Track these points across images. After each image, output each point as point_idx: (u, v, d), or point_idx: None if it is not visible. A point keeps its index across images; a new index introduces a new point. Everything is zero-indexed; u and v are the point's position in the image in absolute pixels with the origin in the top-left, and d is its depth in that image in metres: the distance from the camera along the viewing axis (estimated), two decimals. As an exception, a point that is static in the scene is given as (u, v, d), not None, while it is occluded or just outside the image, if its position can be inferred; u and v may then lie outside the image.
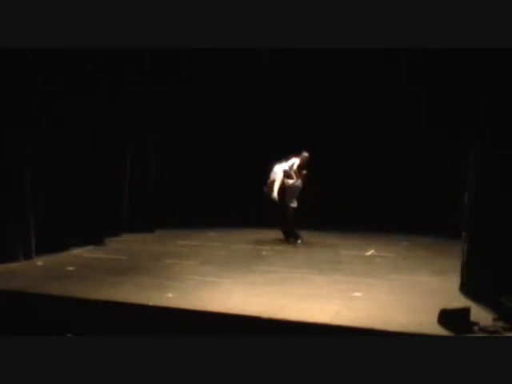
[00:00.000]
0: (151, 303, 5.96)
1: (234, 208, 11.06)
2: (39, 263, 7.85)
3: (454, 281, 6.78)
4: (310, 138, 10.39)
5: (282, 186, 9.77)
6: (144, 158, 10.60)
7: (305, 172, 9.92)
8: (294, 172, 9.86)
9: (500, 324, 5.40)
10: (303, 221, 9.75)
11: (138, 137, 10.38)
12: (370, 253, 9.02)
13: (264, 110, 11.00)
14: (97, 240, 9.18)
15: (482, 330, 5.30)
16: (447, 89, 9.31)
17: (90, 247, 8.97)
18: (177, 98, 10.59)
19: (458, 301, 6.05)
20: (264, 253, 8.90)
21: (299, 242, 9.75)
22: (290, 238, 9.85)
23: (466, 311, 5.48)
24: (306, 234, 9.98)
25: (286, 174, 9.83)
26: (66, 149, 8.69)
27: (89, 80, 8.86)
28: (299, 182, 9.84)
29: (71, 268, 7.59)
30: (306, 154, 9.87)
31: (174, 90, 10.54)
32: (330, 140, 10.76)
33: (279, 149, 9.87)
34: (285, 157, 9.92)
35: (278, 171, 9.79)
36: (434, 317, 5.49)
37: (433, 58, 8.93)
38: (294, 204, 9.80)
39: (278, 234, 9.97)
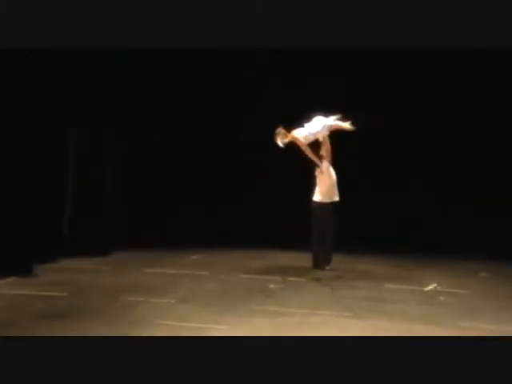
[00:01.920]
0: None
1: (225, 222, 11.13)
2: None
3: None
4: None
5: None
6: (97, 153, 10.56)
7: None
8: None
9: None
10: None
11: (88, 126, 10.41)
12: (430, 287, 8.68)
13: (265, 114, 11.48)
14: (22, 268, 8.87)
15: None
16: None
17: (12, 279, 8.67)
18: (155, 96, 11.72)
19: None
20: (272, 286, 8.67)
21: (327, 268, 9.60)
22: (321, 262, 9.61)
23: None
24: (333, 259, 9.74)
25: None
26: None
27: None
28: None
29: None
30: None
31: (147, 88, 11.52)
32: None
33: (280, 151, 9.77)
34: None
35: None
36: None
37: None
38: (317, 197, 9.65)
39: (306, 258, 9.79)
